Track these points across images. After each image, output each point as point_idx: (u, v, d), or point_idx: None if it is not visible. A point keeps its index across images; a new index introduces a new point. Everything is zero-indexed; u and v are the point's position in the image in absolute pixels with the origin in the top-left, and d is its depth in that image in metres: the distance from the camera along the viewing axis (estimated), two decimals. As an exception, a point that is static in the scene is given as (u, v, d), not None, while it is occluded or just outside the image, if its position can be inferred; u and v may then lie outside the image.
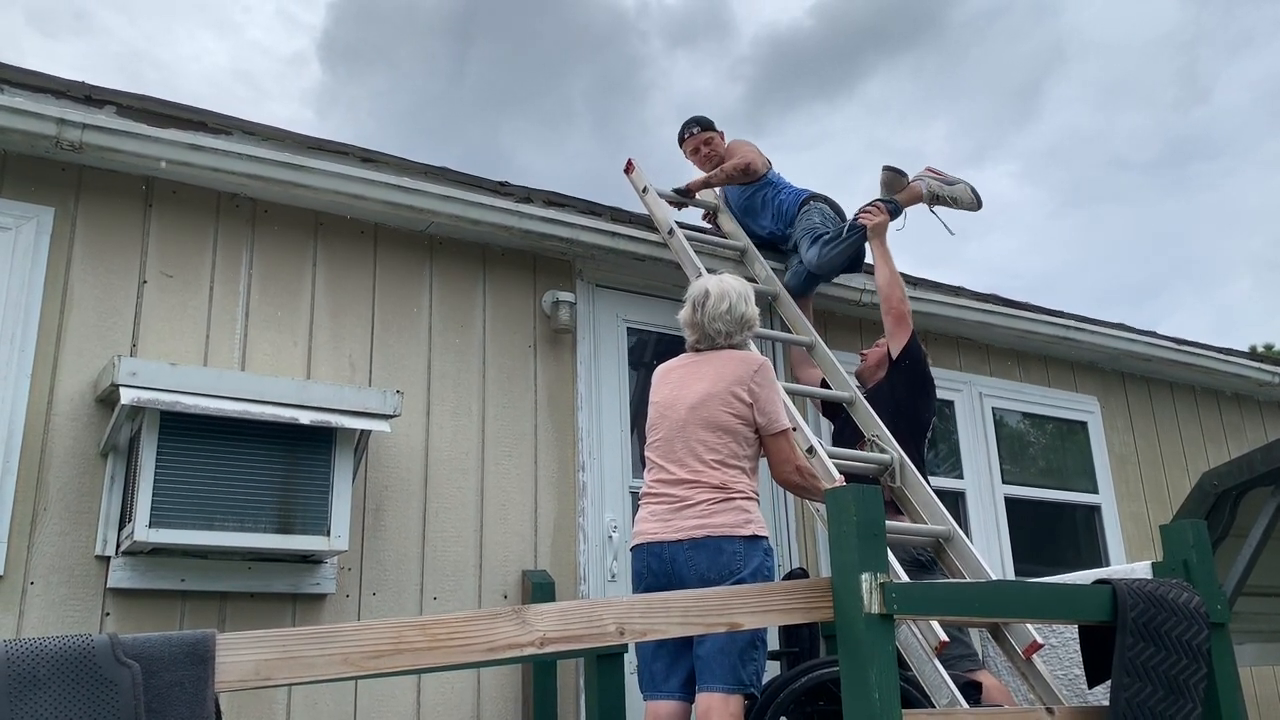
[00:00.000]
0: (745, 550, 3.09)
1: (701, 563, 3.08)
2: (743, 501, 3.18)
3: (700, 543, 3.10)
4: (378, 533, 3.98)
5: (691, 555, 3.10)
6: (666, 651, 3.20)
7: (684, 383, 3.37)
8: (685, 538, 3.12)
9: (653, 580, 3.19)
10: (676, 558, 3.13)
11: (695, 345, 3.47)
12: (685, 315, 3.49)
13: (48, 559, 3.42)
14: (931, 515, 3.88)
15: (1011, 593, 2.93)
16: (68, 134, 3.59)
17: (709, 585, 3.03)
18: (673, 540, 3.14)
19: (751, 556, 3.09)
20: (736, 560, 3.07)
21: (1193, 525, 3.14)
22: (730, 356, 3.38)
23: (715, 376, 3.31)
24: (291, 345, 4.04)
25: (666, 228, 4.79)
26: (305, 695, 3.68)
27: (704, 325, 3.42)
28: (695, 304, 3.46)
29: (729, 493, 3.17)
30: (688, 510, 3.15)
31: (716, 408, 3.26)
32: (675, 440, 3.27)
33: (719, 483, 3.17)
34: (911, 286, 5.68)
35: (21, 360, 3.53)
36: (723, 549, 3.08)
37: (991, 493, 5.67)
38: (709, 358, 3.40)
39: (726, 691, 3.00)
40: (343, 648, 2.01)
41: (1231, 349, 6.93)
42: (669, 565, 3.15)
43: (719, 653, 3.02)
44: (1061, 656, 3.62)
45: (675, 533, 3.14)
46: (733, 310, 3.42)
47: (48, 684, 1.72)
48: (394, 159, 4.43)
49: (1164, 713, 2.78)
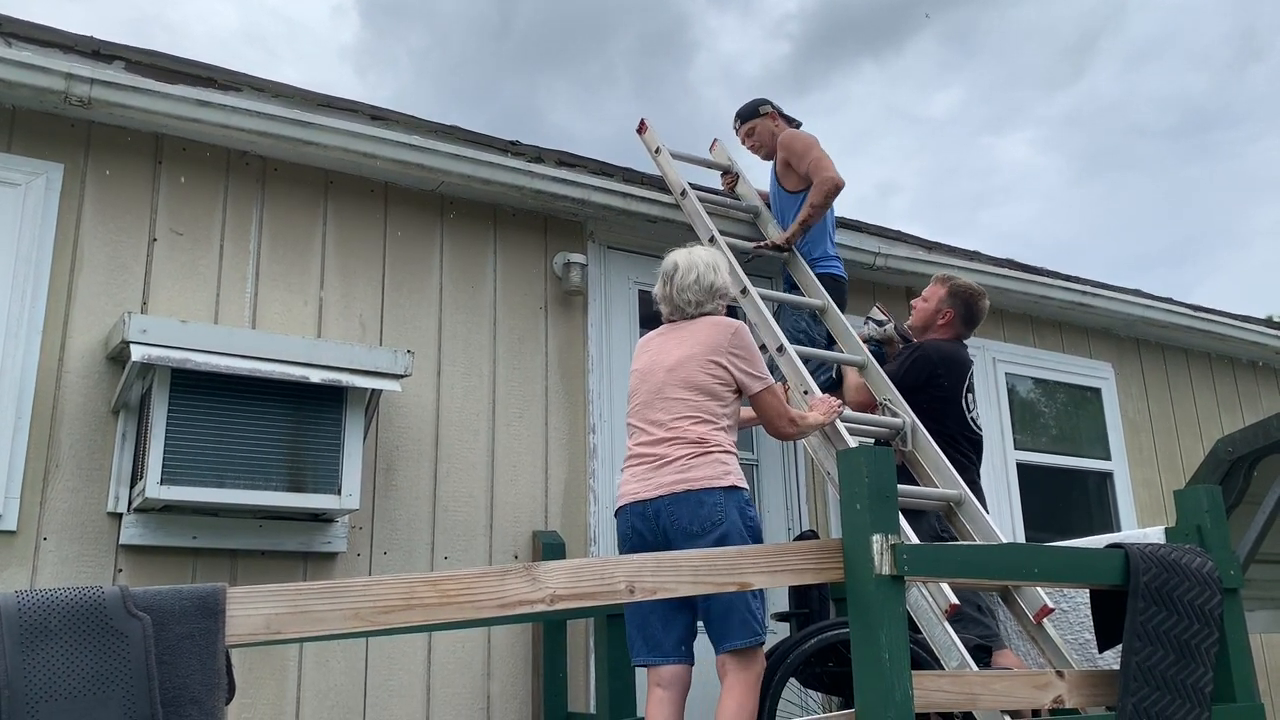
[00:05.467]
0: (725, 501, 3.12)
1: (683, 516, 3.11)
2: (721, 454, 3.20)
3: (681, 496, 3.12)
4: (389, 492, 3.98)
5: (673, 509, 3.13)
6: (659, 616, 3.21)
7: (662, 349, 3.40)
8: (666, 493, 3.15)
9: (637, 540, 3.22)
10: (659, 513, 3.15)
11: (669, 318, 3.51)
12: (657, 290, 3.52)
13: (60, 515, 3.43)
14: (943, 479, 3.86)
15: (1023, 556, 2.91)
16: (76, 89, 3.57)
17: (692, 539, 3.07)
18: (654, 497, 3.17)
19: (730, 507, 3.12)
20: (717, 511, 3.10)
21: (1207, 490, 3.11)
22: (706, 322, 3.40)
23: (693, 341, 3.35)
24: (302, 304, 4.02)
25: (679, 189, 4.75)
26: (316, 653, 3.71)
27: (674, 298, 3.45)
28: (665, 277, 3.50)
29: (706, 446, 3.19)
30: (667, 467, 3.18)
31: (694, 369, 3.29)
32: (654, 401, 3.31)
33: (696, 437, 3.20)
34: (927, 250, 5.64)
35: (32, 317, 3.53)
36: (703, 501, 3.11)
37: (1004, 458, 5.65)
38: (685, 325, 3.43)
39: (746, 645, 3.03)
40: (354, 602, 2.01)
41: (1248, 316, 6.87)
42: (652, 522, 3.18)
43: (728, 610, 3.03)
44: (1072, 621, 3.61)
45: (656, 489, 3.17)
46: (700, 280, 3.44)
47: (59, 634, 1.72)
48: (404, 117, 4.40)
49: (1174, 677, 2.77)
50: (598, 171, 4.70)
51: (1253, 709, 2.90)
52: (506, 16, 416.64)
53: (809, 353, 4.25)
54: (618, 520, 3.32)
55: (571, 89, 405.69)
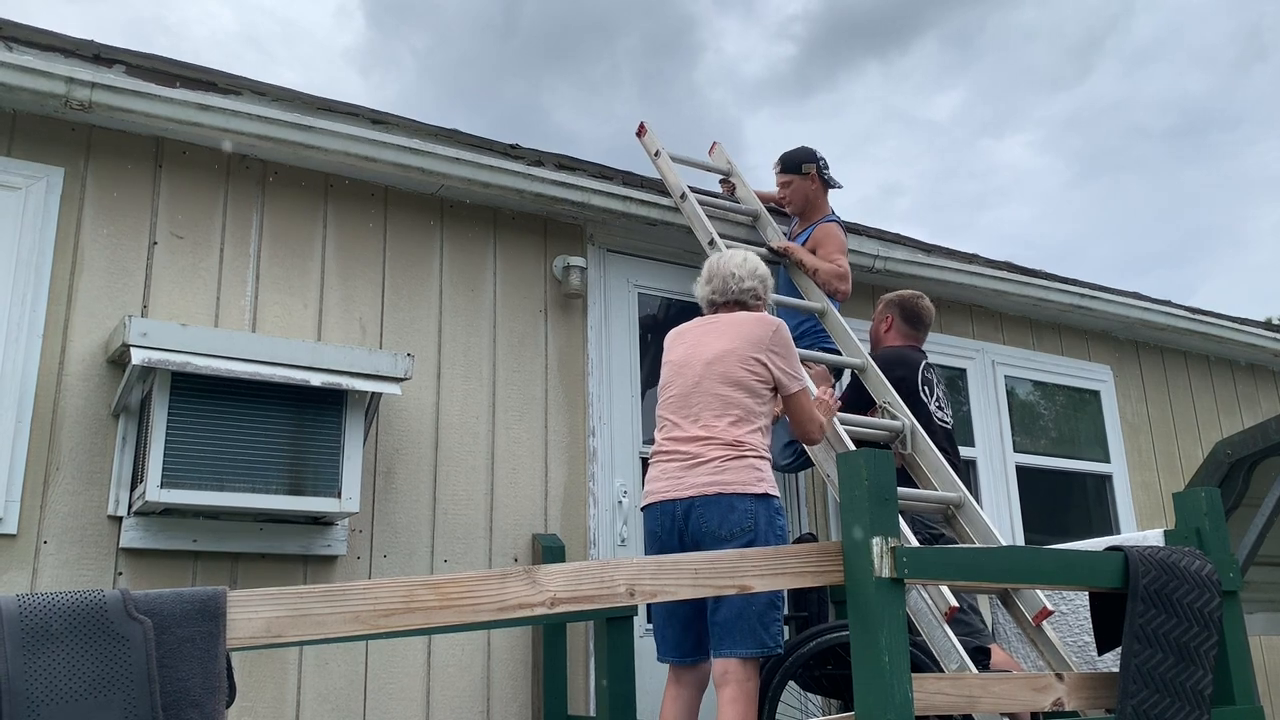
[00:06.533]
0: (756, 508, 3.08)
1: (713, 520, 3.07)
2: (755, 459, 3.15)
3: (712, 499, 3.08)
4: (388, 495, 3.98)
5: (703, 512, 3.08)
6: (679, 619, 3.19)
7: (701, 341, 3.35)
8: (697, 494, 3.10)
9: (666, 539, 3.17)
10: (689, 515, 3.11)
11: (712, 300, 3.48)
12: (704, 276, 3.52)
13: (60, 519, 3.43)
14: (942, 482, 3.87)
15: (1023, 558, 2.92)
16: (77, 93, 3.57)
17: (721, 543, 3.02)
18: (685, 498, 3.12)
19: (762, 515, 3.08)
20: (748, 519, 3.06)
21: (1206, 493, 3.12)
22: (747, 317, 3.36)
23: (734, 334, 3.30)
24: (302, 307, 4.03)
25: (679, 192, 4.76)
26: (316, 656, 3.71)
27: (727, 280, 3.45)
28: (712, 266, 3.52)
29: (741, 450, 3.14)
30: (700, 467, 3.13)
31: (734, 364, 3.24)
32: (691, 395, 3.25)
33: (732, 439, 3.14)
34: (925, 253, 5.65)
35: (33, 320, 3.53)
36: (735, 506, 3.06)
37: (1003, 461, 5.66)
38: (725, 318, 3.39)
39: (747, 655, 3.00)
40: (354, 606, 2.01)
41: (1246, 319, 6.88)
42: (682, 523, 3.13)
43: (737, 617, 3.00)
44: (1071, 623, 3.61)
45: (687, 490, 3.12)
46: (748, 262, 3.48)
47: (60, 638, 1.73)
48: (405, 120, 4.40)
49: (1174, 679, 2.78)
50: (597, 174, 4.70)
51: (1252, 711, 2.90)
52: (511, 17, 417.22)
53: (808, 355, 4.26)
54: (645, 516, 3.28)
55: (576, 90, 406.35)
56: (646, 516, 3.27)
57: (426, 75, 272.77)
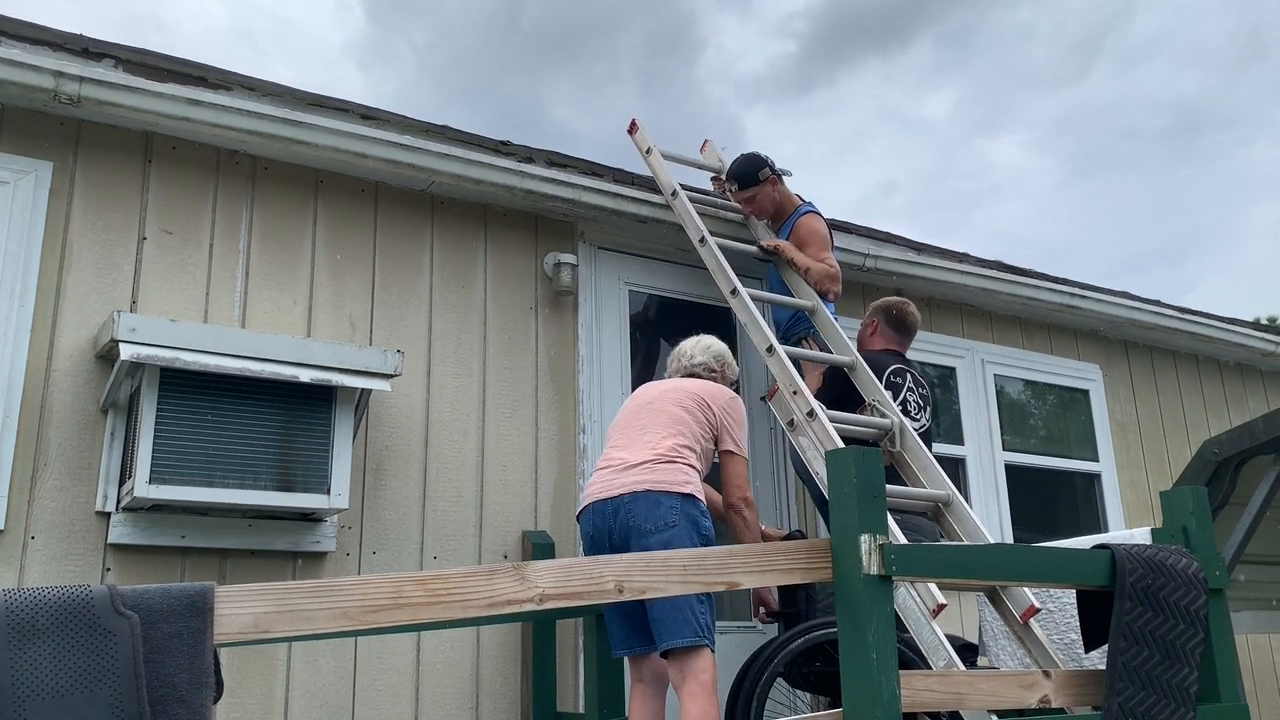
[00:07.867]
0: (681, 505, 3.19)
1: (639, 513, 3.18)
2: (685, 465, 3.29)
3: (640, 495, 3.20)
4: (378, 492, 3.98)
5: (631, 507, 3.20)
6: (622, 614, 3.30)
7: (651, 390, 3.58)
8: (626, 492, 3.23)
9: (598, 537, 3.29)
10: (619, 510, 3.23)
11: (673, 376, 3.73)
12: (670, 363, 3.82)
13: (48, 514, 3.42)
14: (931, 480, 3.88)
15: (1010, 556, 2.93)
16: (65, 87, 3.55)
17: (643, 535, 3.14)
18: (615, 496, 3.25)
19: (685, 512, 3.18)
20: (672, 514, 3.16)
21: (1193, 491, 3.13)
22: (707, 382, 3.61)
23: (692, 386, 3.54)
24: (291, 304, 4.02)
25: (670, 190, 4.76)
26: (305, 653, 3.70)
27: (680, 358, 3.76)
28: (677, 353, 3.79)
29: (673, 456, 3.29)
30: (632, 470, 3.28)
31: (685, 396, 3.46)
32: (631, 424, 3.45)
33: (668, 448, 3.30)
34: (916, 252, 5.66)
35: (21, 315, 3.52)
36: (660, 502, 3.18)
37: (992, 459, 5.67)
38: (685, 379, 3.65)
39: (685, 644, 3.06)
40: (342, 602, 2.01)
41: (1235, 318, 6.91)
42: (610, 521, 3.25)
43: (671, 609, 3.07)
44: (1058, 621, 3.63)
45: (618, 489, 3.26)
46: (712, 347, 3.75)
47: (46, 633, 1.72)
48: (395, 116, 4.39)
49: (1160, 677, 2.79)
50: (588, 172, 4.70)
51: (1237, 709, 2.92)
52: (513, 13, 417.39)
53: (798, 353, 4.27)
54: (580, 523, 3.42)
55: (577, 86, 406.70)
56: (581, 521, 3.40)
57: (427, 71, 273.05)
